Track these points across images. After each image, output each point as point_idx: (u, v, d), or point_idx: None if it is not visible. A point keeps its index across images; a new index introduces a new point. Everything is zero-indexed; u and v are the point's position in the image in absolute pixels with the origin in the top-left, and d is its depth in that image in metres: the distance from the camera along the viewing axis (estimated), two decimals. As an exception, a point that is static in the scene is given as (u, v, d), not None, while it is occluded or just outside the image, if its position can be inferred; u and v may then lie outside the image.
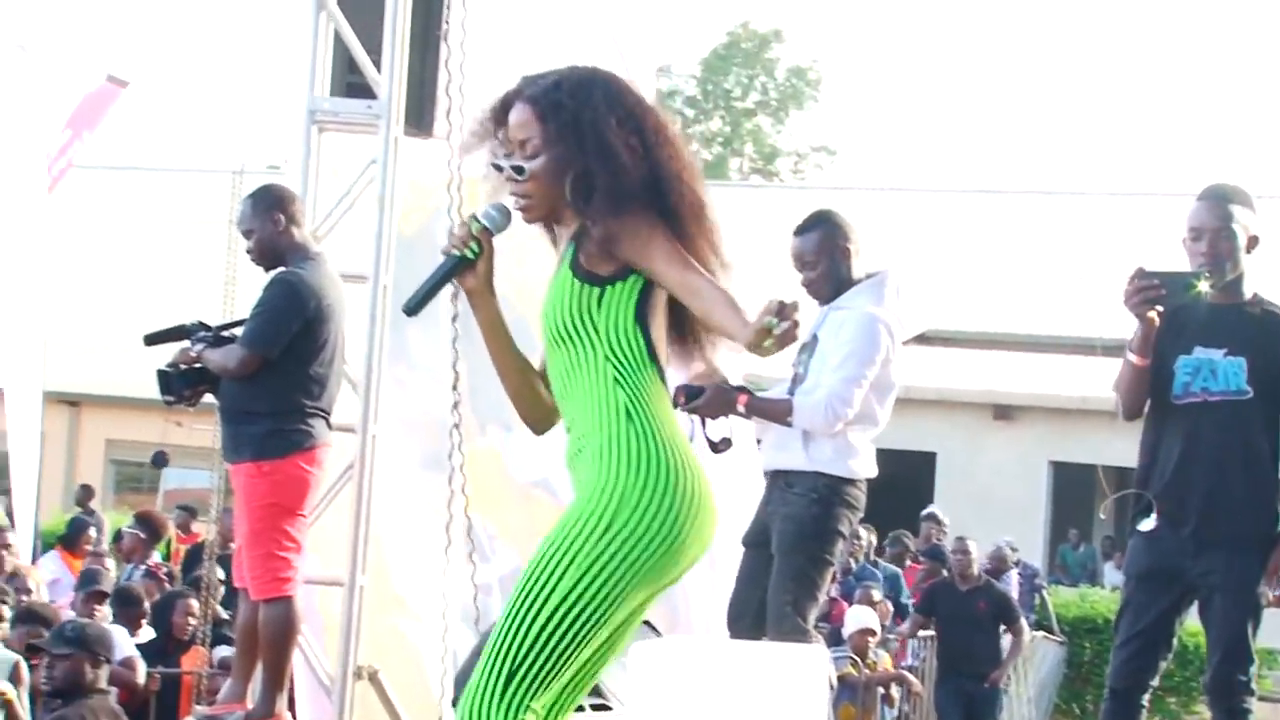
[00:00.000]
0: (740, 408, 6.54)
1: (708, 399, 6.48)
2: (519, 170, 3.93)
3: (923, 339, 26.95)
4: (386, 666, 7.48)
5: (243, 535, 6.70)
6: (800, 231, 6.79)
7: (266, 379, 6.60)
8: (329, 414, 6.74)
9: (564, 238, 4.00)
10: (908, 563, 15.63)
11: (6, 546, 11.59)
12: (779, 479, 6.66)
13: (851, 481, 6.60)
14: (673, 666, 5.36)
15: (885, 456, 6.81)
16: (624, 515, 3.74)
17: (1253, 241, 6.03)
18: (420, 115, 7.73)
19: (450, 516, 7.11)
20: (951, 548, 13.57)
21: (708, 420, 6.59)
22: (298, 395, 6.62)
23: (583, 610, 3.72)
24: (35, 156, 12.79)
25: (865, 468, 6.65)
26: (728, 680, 5.21)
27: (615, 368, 3.86)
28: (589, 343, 3.88)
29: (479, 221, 4.02)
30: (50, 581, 11.91)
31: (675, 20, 69.59)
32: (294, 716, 7.16)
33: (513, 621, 3.73)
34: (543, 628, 3.71)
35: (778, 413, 6.58)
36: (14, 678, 8.56)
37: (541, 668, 3.72)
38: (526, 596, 3.74)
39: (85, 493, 19.94)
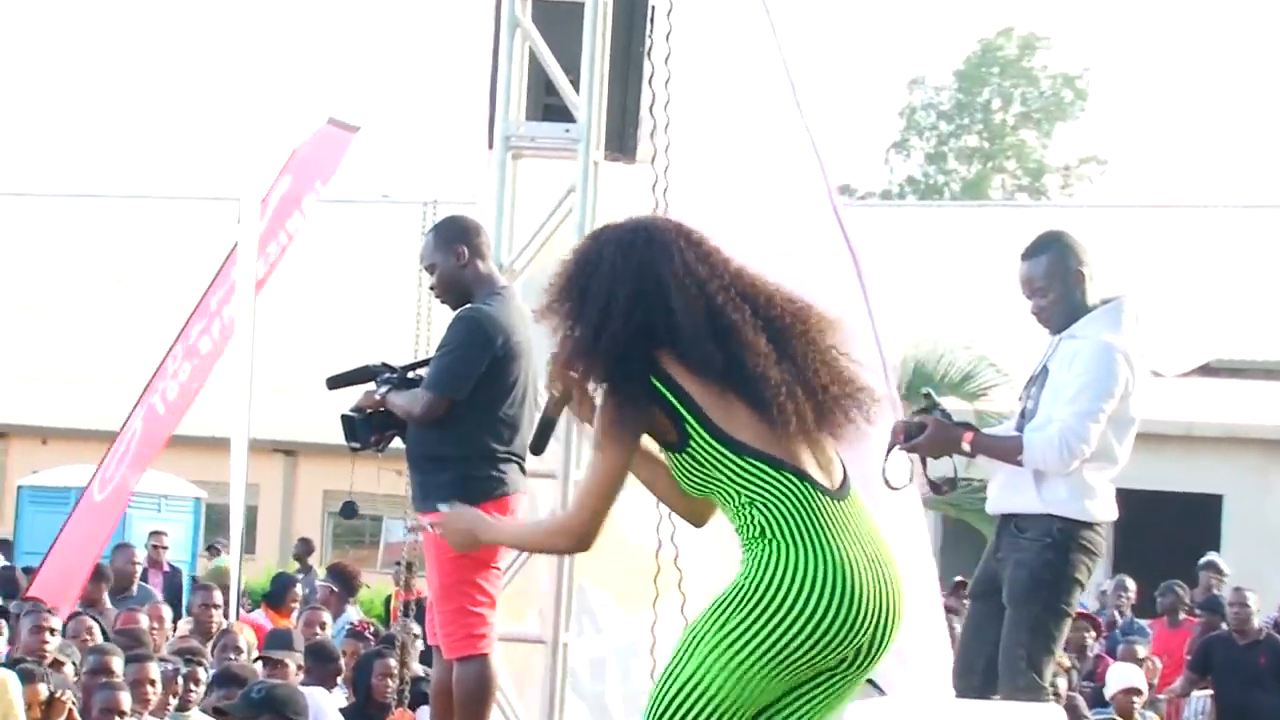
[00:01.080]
0: (965, 445, 6.49)
1: (930, 436, 6.45)
2: None
3: (1207, 370, 26.48)
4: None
5: (434, 590, 6.77)
6: (1028, 255, 6.70)
7: (454, 423, 6.66)
8: (523, 459, 6.79)
9: None
10: (1181, 616, 15.30)
11: (214, 606, 11.86)
12: (1008, 523, 6.59)
13: (1089, 525, 6.50)
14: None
15: (1164, 500, 6.73)
16: (740, 616, 4.36)
17: None
18: (622, 138, 7.79)
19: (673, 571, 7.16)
20: (1229, 599, 13.30)
21: (928, 459, 6.57)
22: (487, 439, 6.67)
23: (699, 696, 4.37)
24: (251, 200, 13.15)
25: (1104, 510, 6.54)
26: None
27: (747, 496, 4.43)
28: (721, 496, 4.49)
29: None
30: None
31: (928, 29, 69.23)
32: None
33: (654, 699, 4.43)
34: (674, 709, 4.39)
35: (1007, 450, 6.51)
36: (208, 744, 8.78)
37: None
38: (665, 676, 4.45)
39: (304, 547, 20.20)
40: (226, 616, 12.76)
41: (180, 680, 9.03)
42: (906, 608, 4.48)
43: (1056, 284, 6.63)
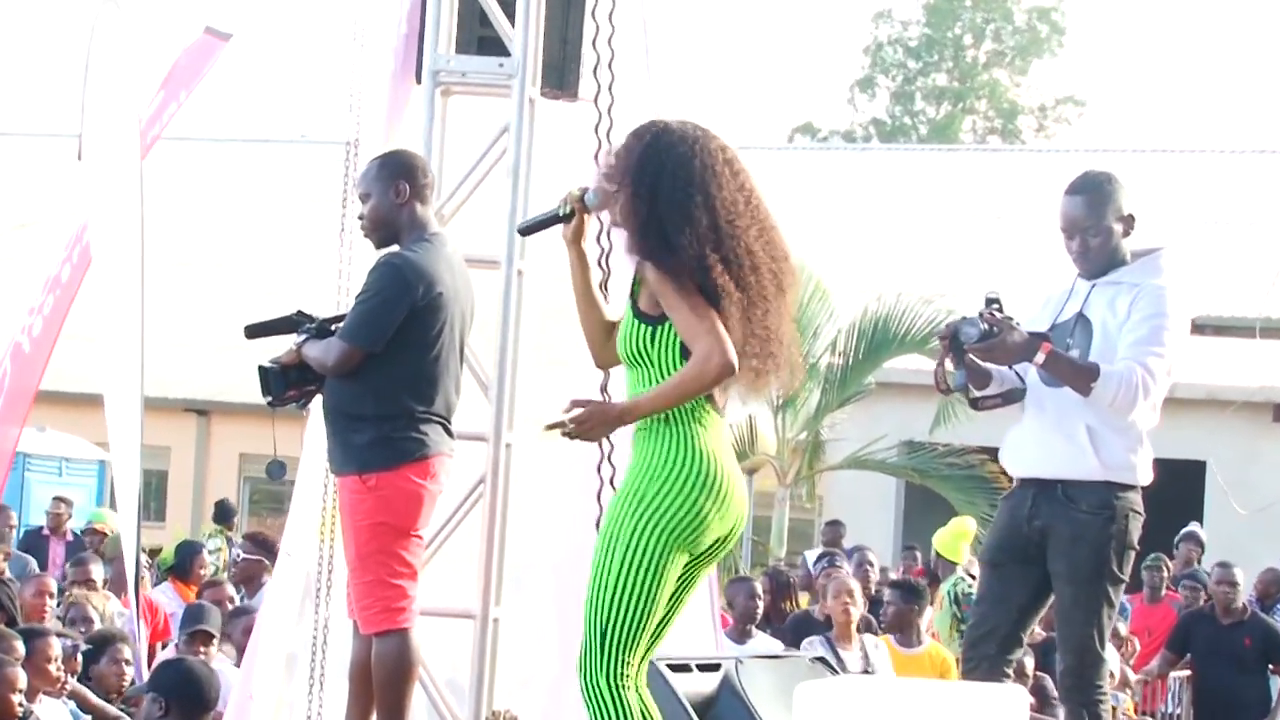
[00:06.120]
0: (1040, 356, 6.54)
1: (1001, 340, 6.52)
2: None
3: (1191, 328, 26.52)
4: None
5: (350, 560, 6.72)
6: (1077, 192, 6.79)
7: (370, 378, 6.61)
8: (447, 419, 6.74)
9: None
10: (1164, 591, 15.35)
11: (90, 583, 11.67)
12: (1051, 488, 6.67)
13: (1138, 489, 6.66)
14: (847, 709, 5.35)
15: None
16: (652, 491, 5.45)
17: None
18: (562, 73, 7.75)
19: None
20: (1214, 575, 13.25)
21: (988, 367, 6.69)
22: (406, 398, 6.61)
23: (639, 573, 5.41)
24: (130, 128, 12.95)
25: (1150, 469, 6.70)
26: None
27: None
28: (646, 372, 5.58)
29: (578, 192, 5.72)
30: (170, 615, 12.07)
31: (897, -42, 69.12)
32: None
33: (592, 595, 5.46)
34: (615, 594, 5.42)
35: (1081, 374, 6.56)
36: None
37: (626, 627, 5.41)
38: (597, 572, 5.47)
39: (223, 512, 19.61)
40: (137, 591, 12.67)
41: (80, 658, 9.00)
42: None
43: (1105, 226, 6.73)
